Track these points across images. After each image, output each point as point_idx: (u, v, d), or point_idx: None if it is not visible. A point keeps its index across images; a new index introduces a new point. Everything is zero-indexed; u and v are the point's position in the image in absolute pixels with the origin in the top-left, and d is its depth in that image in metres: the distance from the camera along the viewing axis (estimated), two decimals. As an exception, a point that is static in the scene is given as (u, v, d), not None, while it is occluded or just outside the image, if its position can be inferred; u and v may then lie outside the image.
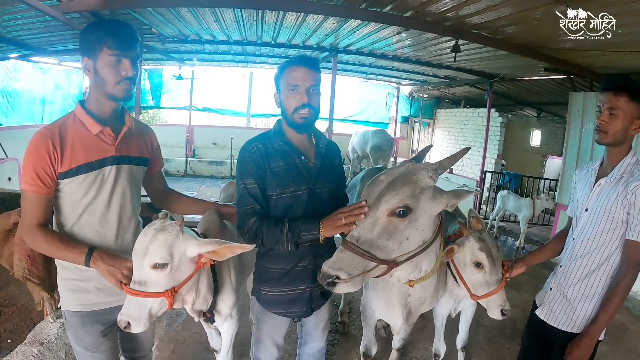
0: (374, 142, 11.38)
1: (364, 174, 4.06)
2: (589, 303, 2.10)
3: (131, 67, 1.85)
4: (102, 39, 1.80)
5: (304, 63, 2.04)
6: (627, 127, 2.00)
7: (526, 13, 4.39)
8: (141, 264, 1.77)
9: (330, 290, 1.78)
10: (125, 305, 1.77)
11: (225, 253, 1.90)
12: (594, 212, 2.09)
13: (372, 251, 1.77)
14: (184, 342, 3.82)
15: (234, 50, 9.79)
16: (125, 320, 1.75)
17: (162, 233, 1.81)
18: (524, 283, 5.42)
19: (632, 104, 1.97)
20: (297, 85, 2.02)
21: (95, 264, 1.79)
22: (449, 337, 3.36)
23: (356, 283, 1.77)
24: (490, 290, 2.29)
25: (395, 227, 1.81)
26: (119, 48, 1.81)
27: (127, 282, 1.78)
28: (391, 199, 1.79)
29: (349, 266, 1.75)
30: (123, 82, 1.85)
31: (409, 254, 1.87)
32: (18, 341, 3.12)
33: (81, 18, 5.43)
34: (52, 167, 1.81)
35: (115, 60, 1.82)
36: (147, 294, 1.77)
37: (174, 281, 1.84)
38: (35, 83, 10.03)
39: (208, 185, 11.46)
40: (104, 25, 1.84)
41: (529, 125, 14.41)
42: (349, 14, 5.41)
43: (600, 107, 2.05)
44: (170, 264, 1.80)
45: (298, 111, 2.03)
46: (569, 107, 7.12)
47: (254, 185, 2.04)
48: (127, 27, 1.88)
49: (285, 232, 1.91)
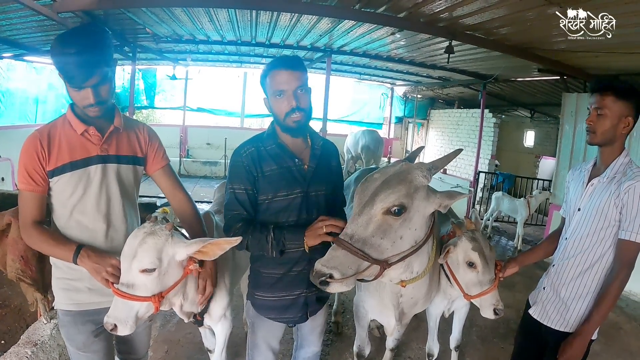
0: (363, 142, 11.42)
1: (357, 174, 4.07)
2: (582, 302, 2.11)
3: (93, 95, 1.79)
4: (59, 69, 1.77)
5: (285, 65, 1.96)
6: (615, 126, 2.03)
7: (520, 14, 4.42)
8: (130, 266, 1.78)
9: (322, 289, 1.75)
10: (112, 308, 1.77)
11: (214, 251, 1.89)
12: (586, 211, 2.11)
13: (366, 250, 1.76)
14: (178, 342, 3.81)
15: (228, 51, 9.81)
16: (112, 323, 1.75)
17: (151, 237, 1.81)
18: (517, 283, 5.44)
19: (618, 103, 2.00)
20: (283, 90, 1.95)
21: (82, 262, 1.80)
22: (442, 337, 3.36)
23: (349, 283, 1.76)
24: (483, 290, 2.30)
25: (390, 225, 1.80)
26: (74, 83, 1.77)
27: (114, 281, 1.79)
28: (387, 197, 1.78)
29: (342, 265, 1.73)
30: (88, 108, 1.84)
31: (402, 254, 1.86)
32: (11, 342, 3.11)
33: (75, 17, 5.42)
34: (41, 165, 1.85)
35: (76, 89, 1.79)
36: (134, 297, 1.77)
37: (162, 285, 1.84)
38: (29, 83, 9.97)
39: (202, 185, 11.44)
40: (59, 54, 1.74)
41: (523, 125, 14.47)
42: (342, 15, 5.43)
43: (589, 108, 2.10)
44: (159, 268, 1.80)
45: (289, 115, 1.97)
46: (562, 108, 7.17)
47: (242, 191, 2.02)
48: (84, 55, 1.73)
49: (270, 239, 1.92)
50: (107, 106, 1.91)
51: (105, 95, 1.86)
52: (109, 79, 1.85)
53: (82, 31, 1.88)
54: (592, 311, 2.05)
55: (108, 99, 1.88)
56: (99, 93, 1.82)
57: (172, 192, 2.24)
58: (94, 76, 1.77)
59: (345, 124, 15.32)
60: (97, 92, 1.81)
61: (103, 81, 1.81)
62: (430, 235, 2.01)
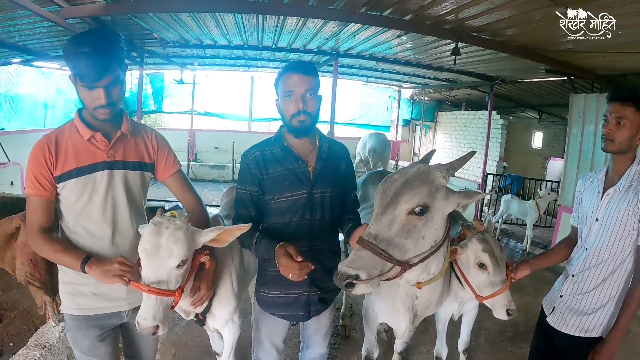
0: (370, 145, 11.38)
1: (365, 177, 4.07)
2: (603, 309, 2.13)
3: (105, 95, 1.82)
4: (72, 68, 1.80)
5: (297, 69, 2.06)
6: (633, 137, 2.06)
7: (526, 15, 4.41)
8: (163, 263, 1.80)
9: (348, 291, 1.73)
10: (144, 309, 1.77)
11: (225, 238, 1.99)
12: (605, 221, 2.11)
13: (389, 250, 1.75)
14: (186, 345, 3.82)
15: (235, 55, 9.85)
16: (152, 325, 1.75)
17: (180, 231, 1.85)
18: (526, 286, 5.39)
19: (638, 115, 2.03)
20: (292, 92, 2.05)
21: (91, 269, 1.81)
22: (450, 340, 3.35)
23: (375, 283, 1.74)
24: (495, 291, 2.30)
25: (414, 225, 1.80)
26: (87, 82, 1.79)
27: (130, 277, 1.79)
28: (412, 197, 1.78)
29: (368, 266, 1.71)
30: (98, 110, 1.85)
31: (423, 255, 1.87)
32: (20, 345, 3.14)
33: (82, 23, 5.46)
34: (49, 170, 1.87)
35: (88, 89, 1.81)
36: (169, 293, 1.80)
37: (186, 275, 1.92)
38: (38, 88, 10.10)
39: (210, 189, 11.45)
40: (73, 54, 1.77)
41: (531, 127, 14.40)
42: (348, 18, 5.45)
43: (607, 116, 2.10)
44: (189, 259, 1.89)
45: (295, 117, 2.06)
46: (570, 109, 7.10)
47: (246, 192, 2.15)
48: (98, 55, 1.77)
49: (255, 246, 2.02)
50: (116, 111, 1.93)
51: (116, 98, 1.88)
52: (120, 82, 1.88)
53: (97, 33, 1.91)
54: (618, 318, 2.06)
55: (118, 101, 1.90)
56: (111, 94, 1.84)
57: (184, 196, 2.27)
58: (106, 76, 1.79)
59: (352, 127, 15.28)
60: (108, 93, 1.83)
61: (115, 82, 1.84)
62: (447, 235, 2.03)
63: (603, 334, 2.11)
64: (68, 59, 1.80)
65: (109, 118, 1.90)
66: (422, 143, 15.20)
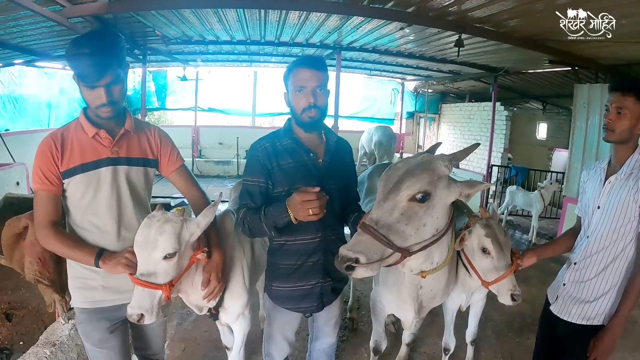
0: (376, 138, 11.41)
1: (372, 170, 4.07)
2: (605, 297, 2.14)
3: (105, 94, 1.86)
4: (74, 68, 1.85)
5: (309, 64, 2.07)
6: (634, 126, 2.08)
7: (529, 6, 4.38)
8: (150, 255, 1.85)
9: (347, 274, 1.77)
10: (134, 298, 1.84)
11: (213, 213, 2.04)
12: (606, 209, 2.13)
13: (390, 236, 1.77)
14: (195, 340, 3.85)
15: (237, 50, 9.81)
16: (137, 313, 1.81)
17: (168, 223, 1.90)
18: (532, 277, 5.39)
19: (638, 105, 2.05)
20: (303, 87, 2.06)
21: (104, 263, 1.88)
22: (457, 332, 3.36)
23: (374, 268, 1.76)
24: (500, 275, 2.30)
25: (415, 212, 1.82)
26: (88, 82, 1.84)
27: (130, 271, 1.86)
28: (413, 184, 1.81)
29: (368, 250, 1.74)
30: (100, 109, 1.90)
31: (424, 243, 1.88)
32: (30, 343, 3.16)
33: (85, 22, 5.46)
34: (56, 165, 1.92)
35: (89, 88, 1.86)
36: (153, 286, 1.84)
37: (179, 270, 1.94)
38: (41, 88, 10.12)
39: (215, 185, 11.45)
40: (74, 55, 1.82)
41: (535, 118, 14.33)
42: (351, 11, 5.42)
43: (608, 106, 2.12)
44: (178, 252, 1.90)
45: (305, 112, 2.07)
46: (574, 99, 7.07)
47: (254, 183, 2.12)
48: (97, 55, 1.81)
49: (263, 218, 1.98)
50: (119, 108, 1.97)
51: (117, 96, 1.92)
52: (121, 80, 1.92)
53: (97, 34, 2.00)
54: (619, 305, 2.08)
55: (120, 100, 1.94)
56: (111, 93, 1.88)
57: (188, 190, 2.33)
58: (106, 75, 1.83)
59: (356, 120, 15.27)
60: (109, 92, 1.87)
61: (115, 81, 1.88)
62: (451, 226, 2.04)
63: (605, 322, 2.13)
64: (70, 60, 1.84)
65: (111, 116, 1.94)
66: (426, 135, 15.18)
